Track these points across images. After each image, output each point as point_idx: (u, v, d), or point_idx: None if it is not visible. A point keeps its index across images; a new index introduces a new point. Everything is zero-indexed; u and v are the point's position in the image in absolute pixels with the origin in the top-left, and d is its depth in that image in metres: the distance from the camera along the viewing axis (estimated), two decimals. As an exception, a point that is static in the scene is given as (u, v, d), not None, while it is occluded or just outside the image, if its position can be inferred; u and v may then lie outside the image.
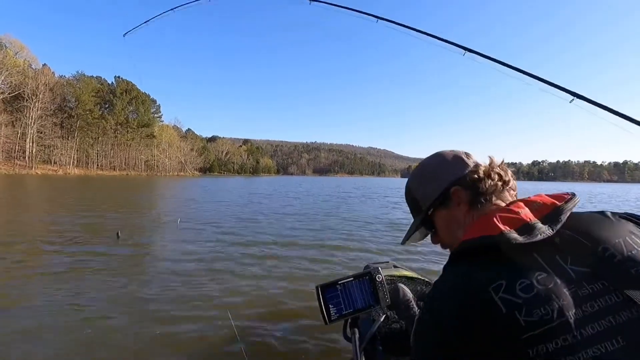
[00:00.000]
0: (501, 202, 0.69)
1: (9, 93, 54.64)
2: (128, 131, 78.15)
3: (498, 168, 0.73)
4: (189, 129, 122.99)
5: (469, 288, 0.53)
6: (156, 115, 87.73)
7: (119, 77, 77.98)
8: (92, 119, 69.02)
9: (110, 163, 76.17)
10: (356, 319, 1.09)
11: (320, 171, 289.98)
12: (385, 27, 2.06)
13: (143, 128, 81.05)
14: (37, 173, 52.16)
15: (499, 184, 0.70)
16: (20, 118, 56.39)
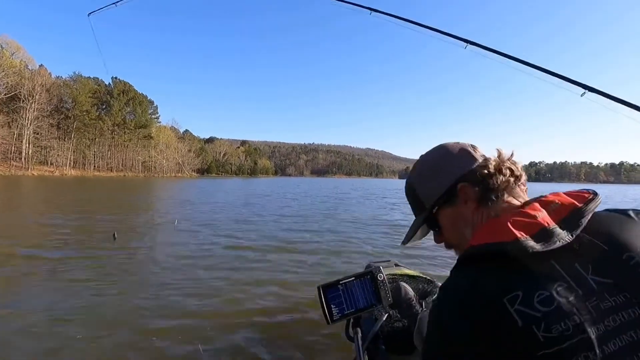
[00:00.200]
0: (513, 199, 0.64)
1: (5, 94, 54.31)
2: (125, 132, 77.84)
3: (509, 162, 0.68)
4: (187, 130, 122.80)
5: (481, 299, 0.50)
6: (153, 116, 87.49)
7: (116, 78, 77.76)
8: (89, 120, 68.70)
9: (107, 164, 75.83)
10: (358, 319, 1.09)
11: (318, 172, 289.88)
12: (393, 25, 1.98)
13: (140, 129, 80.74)
14: (34, 174, 51.87)
15: (511, 180, 0.65)
16: (16, 119, 56.09)
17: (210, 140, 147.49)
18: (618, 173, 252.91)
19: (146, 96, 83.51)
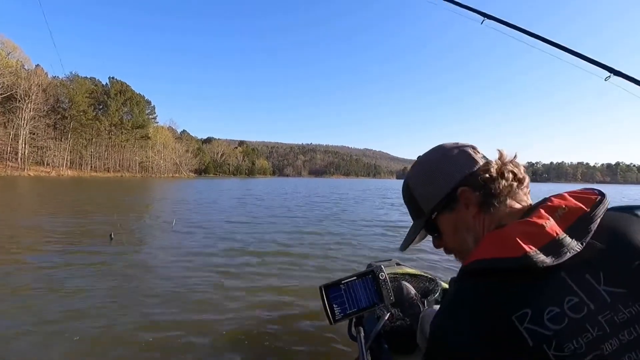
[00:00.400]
0: (515, 204, 0.62)
1: (1, 94, 54.00)
2: (122, 132, 77.60)
3: (511, 165, 0.64)
4: (184, 130, 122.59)
5: (489, 317, 0.47)
6: (151, 116, 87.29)
7: (113, 78, 77.52)
8: (86, 120, 68.44)
9: (104, 164, 75.57)
10: (361, 318, 1.09)
11: (316, 172, 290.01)
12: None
13: (137, 129, 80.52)
14: (30, 175, 51.59)
15: (514, 184, 0.62)
16: (12, 119, 55.79)
17: (207, 140, 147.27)
18: (614, 173, 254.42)
19: (143, 96, 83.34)
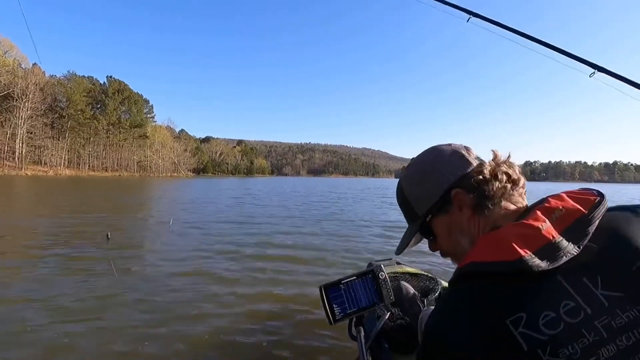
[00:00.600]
0: (510, 205, 0.61)
1: (-2, 93, 53.73)
2: (120, 132, 77.41)
3: (505, 166, 0.63)
4: (183, 130, 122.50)
5: (484, 320, 0.47)
6: (149, 115, 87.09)
7: (111, 77, 77.29)
8: (84, 119, 68.25)
9: (102, 164, 75.37)
10: (361, 318, 1.08)
11: (314, 172, 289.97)
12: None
13: (136, 128, 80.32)
14: (27, 174, 51.36)
15: (508, 186, 0.62)
16: (9, 118, 55.56)
17: (206, 139, 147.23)
18: (612, 172, 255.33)
19: (141, 95, 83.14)
